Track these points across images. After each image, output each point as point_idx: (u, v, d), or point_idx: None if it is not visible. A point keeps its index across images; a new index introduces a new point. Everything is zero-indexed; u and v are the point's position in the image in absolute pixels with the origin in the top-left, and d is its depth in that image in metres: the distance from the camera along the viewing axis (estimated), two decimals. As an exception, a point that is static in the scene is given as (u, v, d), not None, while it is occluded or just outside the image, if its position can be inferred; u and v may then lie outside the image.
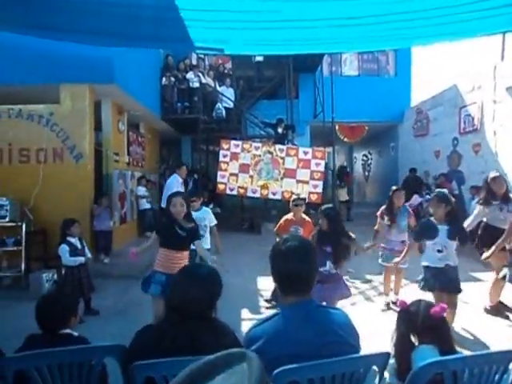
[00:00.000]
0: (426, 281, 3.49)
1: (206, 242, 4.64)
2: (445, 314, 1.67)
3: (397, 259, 4.05)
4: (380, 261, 4.62)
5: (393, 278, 4.67)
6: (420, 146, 11.70)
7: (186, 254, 3.47)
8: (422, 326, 1.63)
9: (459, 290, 3.45)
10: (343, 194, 12.34)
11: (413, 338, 1.64)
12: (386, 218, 4.59)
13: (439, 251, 3.43)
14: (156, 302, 3.30)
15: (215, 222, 4.80)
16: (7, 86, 6.32)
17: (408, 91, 13.32)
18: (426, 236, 3.56)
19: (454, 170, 9.71)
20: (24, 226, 5.69)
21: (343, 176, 12.99)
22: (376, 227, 4.75)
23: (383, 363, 1.54)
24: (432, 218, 3.57)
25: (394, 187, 4.79)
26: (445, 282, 3.38)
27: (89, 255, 4.63)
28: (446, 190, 3.77)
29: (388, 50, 13.37)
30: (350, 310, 4.02)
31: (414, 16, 3.17)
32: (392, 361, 1.63)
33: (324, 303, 2.90)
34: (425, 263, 3.54)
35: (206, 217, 4.68)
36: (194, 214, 4.34)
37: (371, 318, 4.12)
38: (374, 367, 1.53)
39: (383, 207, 4.69)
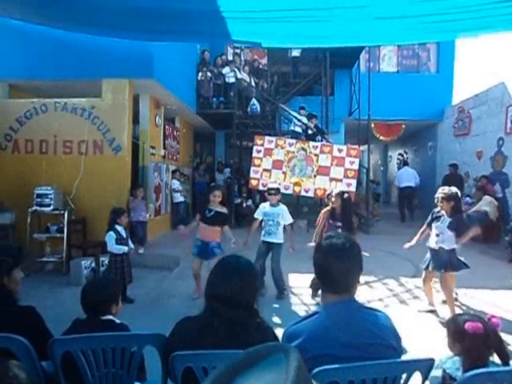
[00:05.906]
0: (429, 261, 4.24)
1: (278, 238, 4.86)
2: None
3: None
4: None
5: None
6: (460, 146, 11.20)
7: (216, 229, 4.57)
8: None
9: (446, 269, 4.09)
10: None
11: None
12: None
13: (437, 235, 4.19)
14: (193, 260, 4.69)
15: (291, 220, 4.97)
16: (54, 80, 6.63)
17: (450, 89, 12.74)
18: None
19: (497, 171, 9.22)
20: (66, 215, 5.95)
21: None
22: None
23: (427, 370, 1.49)
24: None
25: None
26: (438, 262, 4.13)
27: (131, 245, 4.80)
28: (453, 189, 4.18)
29: (430, 47, 12.90)
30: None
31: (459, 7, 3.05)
32: (434, 372, 1.57)
33: None
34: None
35: (281, 213, 4.86)
36: (270, 209, 4.90)
37: (405, 321, 4.00)
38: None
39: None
